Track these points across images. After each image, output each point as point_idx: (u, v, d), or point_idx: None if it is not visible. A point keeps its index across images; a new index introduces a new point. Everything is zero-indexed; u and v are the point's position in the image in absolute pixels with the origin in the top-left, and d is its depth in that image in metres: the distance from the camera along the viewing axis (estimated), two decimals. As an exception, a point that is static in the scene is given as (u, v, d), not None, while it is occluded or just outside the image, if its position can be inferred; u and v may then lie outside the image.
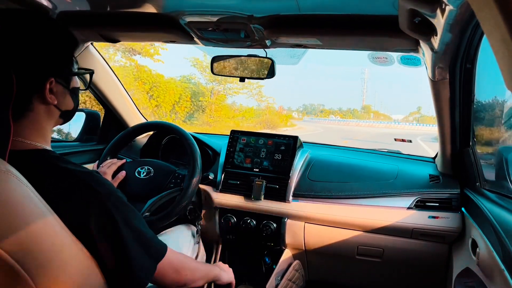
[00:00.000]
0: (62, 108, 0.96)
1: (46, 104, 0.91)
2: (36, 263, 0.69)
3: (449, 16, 0.88)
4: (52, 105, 0.92)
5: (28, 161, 0.86)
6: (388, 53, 1.57)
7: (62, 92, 0.94)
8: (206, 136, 2.25)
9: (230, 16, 1.36)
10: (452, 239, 1.66)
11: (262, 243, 1.96)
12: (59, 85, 0.93)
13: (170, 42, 1.70)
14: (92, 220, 0.83)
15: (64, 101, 0.96)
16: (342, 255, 1.88)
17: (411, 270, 1.85)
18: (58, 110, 0.95)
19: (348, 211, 1.77)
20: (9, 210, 0.66)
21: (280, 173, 1.91)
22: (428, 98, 1.51)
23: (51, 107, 0.92)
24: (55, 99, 0.92)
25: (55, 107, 0.93)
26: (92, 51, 1.95)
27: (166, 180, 1.73)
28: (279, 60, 1.72)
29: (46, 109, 0.92)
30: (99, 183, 0.88)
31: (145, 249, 0.91)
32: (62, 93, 0.95)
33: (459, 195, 1.70)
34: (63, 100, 0.95)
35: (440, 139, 1.72)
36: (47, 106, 0.91)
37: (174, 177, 1.74)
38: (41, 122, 0.92)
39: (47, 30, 0.91)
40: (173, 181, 1.73)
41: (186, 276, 1.04)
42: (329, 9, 1.27)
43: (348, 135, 23.11)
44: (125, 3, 1.39)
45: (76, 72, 0.99)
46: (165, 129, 1.92)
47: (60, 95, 0.94)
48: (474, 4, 0.45)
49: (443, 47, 1.12)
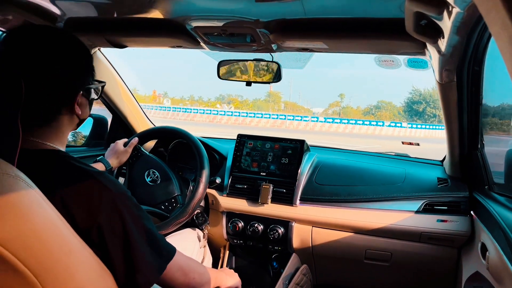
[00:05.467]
0: (82, 117, 1.01)
1: (71, 115, 0.97)
2: (44, 267, 0.69)
3: (456, 19, 0.88)
4: (75, 115, 0.98)
5: (42, 159, 0.89)
6: (395, 56, 1.57)
7: (85, 103, 1.00)
8: (213, 140, 2.26)
9: (236, 21, 1.37)
10: (461, 243, 1.64)
11: (269, 247, 1.95)
12: (84, 97, 0.99)
13: (177, 47, 1.70)
14: (102, 218, 0.84)
15: (85, 111, 1.02)
16: (350, 259, 1.86)
17: (419, 274, 1.83)
18: (78, 119, 1.01)
19: (356, 215, 1.76)
20: (18, 214, 0.66)
21: (287, 177, 1.90)
22: (357, 83, 1.40)
23: (74, 117, 0.98)
24: (79, 110, 0.98)
25: (77, 117, 0.99)
26: (100, 57, 1.96)
27: (163, 198, 1.73)
28: (285, 64, 1.72)
29: (69, 118, 0.98)
30: (111, 183, 0.90)
31: (154, 249, 0.92)
32: (85, 104, 1.01)
33: (468, 199, 1.68)
34: (84, 110, 1.01)
35: (448, 142, 1.70)
36: (71, 116, 0.97)
37: (170, 201, 1.73)
38: (63, 130, 0.97)
39: (74, 47, 0.97)
40: (166, 204, 1.72)
41: (194, 279, 1.04)
42: (335, 12, 1.27)
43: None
44: (132, 9, 1.40)
45: (96, 85, 1.04)
46: (173, 134, 1.93)
47: (83, 106, 1.00)
48: (481, 6, 0.45)
49: (450, 50, 1.11)
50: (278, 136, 2.05)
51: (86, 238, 0.81)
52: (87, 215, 0.84)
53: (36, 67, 0.88)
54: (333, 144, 2.76)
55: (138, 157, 1.82)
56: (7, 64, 0.88)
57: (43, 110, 0.91)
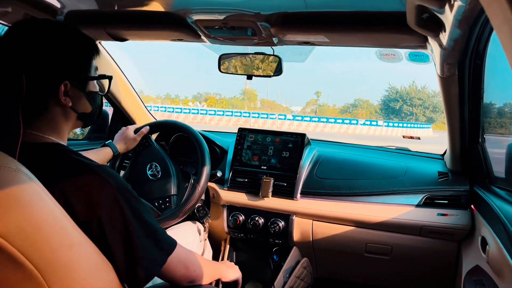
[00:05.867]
0: (79, 110, 1.00)
1: (61, 106, 0.96)
2: (46, 260, 0.70)
3: (457, 12, 0.87)
4: (67, 107, 0.96)
5: (42, 152, 0.90)
6: (396, 50, 1.57)
7: (77, 95, 0.99)
8: (214, 134, 2.26)
9: (237, 14, 1.36)
10: (461, 236, 1.65)
11: (270, 240, 1.96)
12: (75, 89, 0.97)
13: (178, 40, 1.70)
14: (102, 210, 0.85)
15: (80, 104, 1.00)
16: (351, 253, 1.87)
17: (420, 268, 1.84)
18: (75, 112, 1.00)
19: (356, 209, 1.77)
20: (19, 208, 0.67)
21: (288, 170, 1.91)
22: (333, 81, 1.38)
23: (67, 108, 0.97)
24: (70, 101, 0.96)
25: (71, 109, 0.98)
26: (100, 50, 1.96)
27: (159, 194, 1.73)
28: (286, 58, 1.71)
29: (62, 111, 0.97)
30: (110, 176, 0.90)
31: (154, 241, 0.93)
32: (78, 96, 0.99)
33: (469, 192, 1.68)
34: (79, 103, 1.00)
35: (449, 136, 1.70)
36: (63, 107, 0.96)
37: (164, 199, 1.72)
38: (57, 121, 0.96)
39: (61, 37, 0.95)
40: (160, 201, 1.71)
41: (195, 272, 1.05)
42: (337, 6, 1.27)
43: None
44: (133, 2, 1.39)
45: (92, 77, 1.02)
46: (174, 128, 1.93)
47: (75, 98, 0.98)
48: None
49: (452, 43, 1.11)
50: (280, 130, 2.05)
51: (86, 232, 0.81)
52: (88, 208, 0.84)
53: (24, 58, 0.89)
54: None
55: (146, 146, 1.83)
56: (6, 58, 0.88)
57: (33, 101, 0.90)
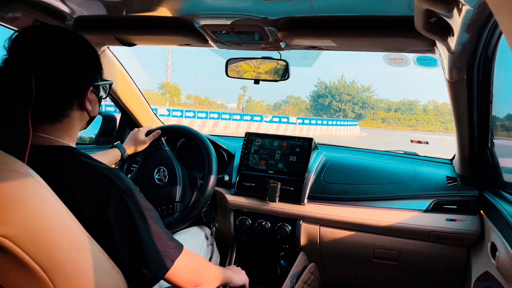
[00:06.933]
0: (91, 114, 1.04)
1: (81, 111, 0.99)
2: (54, 263, 0.70)
3: (466, 16, 0.87)
4: (85, 111, 1.00)
5: (52, 155, 0.91)
6: (404, 54, 1.56)
7: (94, 100, 1.03)
8: (221, 138, 2.26)
9: (244, 19, 1.37)
10: (470, 242, 1.63)
11: (277, 245, 1.95)
12: (93, 94, 1.01)
13: (185, 45, 1.71)
14: (110, 212, 0.86)
15: (94, 108, 1.04)
16: (358, 258, 1.86)
17: (428, 274, 1.82)
18: (88, 116, 1.03)
19: (364, 214, 1.76)
20: (27, 211, 0.67)
21: (295, 175, 1.90)
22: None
23: (84, 113, 1.01)
24: (90, 106, 1.00)
25: (87, 114, 1.02)
26: (109, 55, 1.97)
27: (163, 200, 1.72)
28: (293, 62, 1.72)
29: (80, 115, 1.00)
30: (119, 179, 0.91)
31: (161, 245, 0.93)
32: (94, 101, 1.03)
33: (478, 198, 1.66)
34: (94, 108, 1.04)
35: (458, 140, 1.69)
36: (82, 112, 1.00)
37: (168, 206, 1.72)
38: (73, 126, 0.99)
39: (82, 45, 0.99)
40: (163, 207, 1.71)
41: (202, 276, 1.05)
42: (344, 10, 1.27)
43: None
44: (141, 8, 1.41)
45: (104, 82, 1.06)
46: (184, 134, 1.94)
47: (93, 103, 1.02)
48: (491, 3, 0.44)
49: (460, 48, 1.10)
50: (287, 135, 2.05)
51: (94, 233, 0.82)
52: (95, 210, 0.85)
53: (47, 64, 0.90)
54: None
55: (158, 149, 1.83)
56: (18, 62, 0.89)
57: (54, 106, 0.92)
